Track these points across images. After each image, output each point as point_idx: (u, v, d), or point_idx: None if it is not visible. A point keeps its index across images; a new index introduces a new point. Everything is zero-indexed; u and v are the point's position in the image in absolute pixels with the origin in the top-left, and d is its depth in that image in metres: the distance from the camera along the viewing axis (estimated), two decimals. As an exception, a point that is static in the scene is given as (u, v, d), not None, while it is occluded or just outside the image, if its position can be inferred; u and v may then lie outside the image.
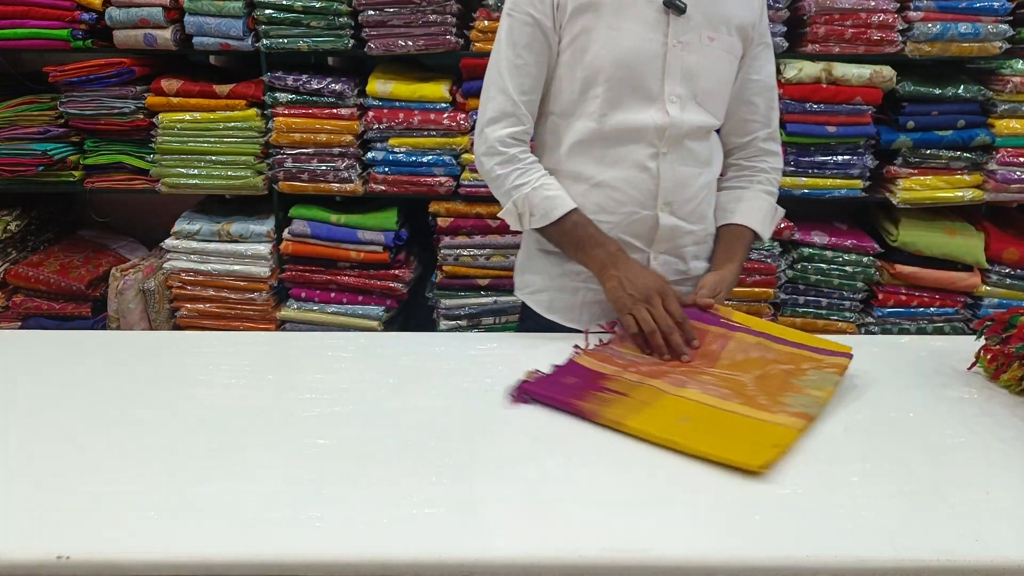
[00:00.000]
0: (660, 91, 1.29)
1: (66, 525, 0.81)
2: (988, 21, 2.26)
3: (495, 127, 1.31)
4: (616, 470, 0.91)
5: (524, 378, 1.09)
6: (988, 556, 0.77)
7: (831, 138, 2.37)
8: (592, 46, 1.26)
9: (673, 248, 1.38)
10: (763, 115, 1.43)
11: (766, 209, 1.44)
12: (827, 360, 1.14)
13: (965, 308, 2.54)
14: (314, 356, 1.26)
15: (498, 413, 1.05)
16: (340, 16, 2.35)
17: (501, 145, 1.30)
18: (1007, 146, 2.37)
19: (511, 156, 1.31)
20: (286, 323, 2.63)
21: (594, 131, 1.30)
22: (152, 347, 1.30)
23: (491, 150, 1.31)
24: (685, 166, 1.34)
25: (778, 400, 1.03)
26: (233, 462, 0.93)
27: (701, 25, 1.29)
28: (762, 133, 1.44)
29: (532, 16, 1.27)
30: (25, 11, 2.40)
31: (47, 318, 2.65)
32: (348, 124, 2.42)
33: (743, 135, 1.44)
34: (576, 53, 1.28)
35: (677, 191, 1.34)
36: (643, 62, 1.27)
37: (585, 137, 1.31)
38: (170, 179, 2.52)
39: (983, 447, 0.98)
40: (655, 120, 1.29)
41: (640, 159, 1.31)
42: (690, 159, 1.34)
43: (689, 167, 1.34)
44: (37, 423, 1.02)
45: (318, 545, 0.78)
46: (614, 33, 1.26)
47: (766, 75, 1.41)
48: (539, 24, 1.27)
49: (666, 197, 1.33)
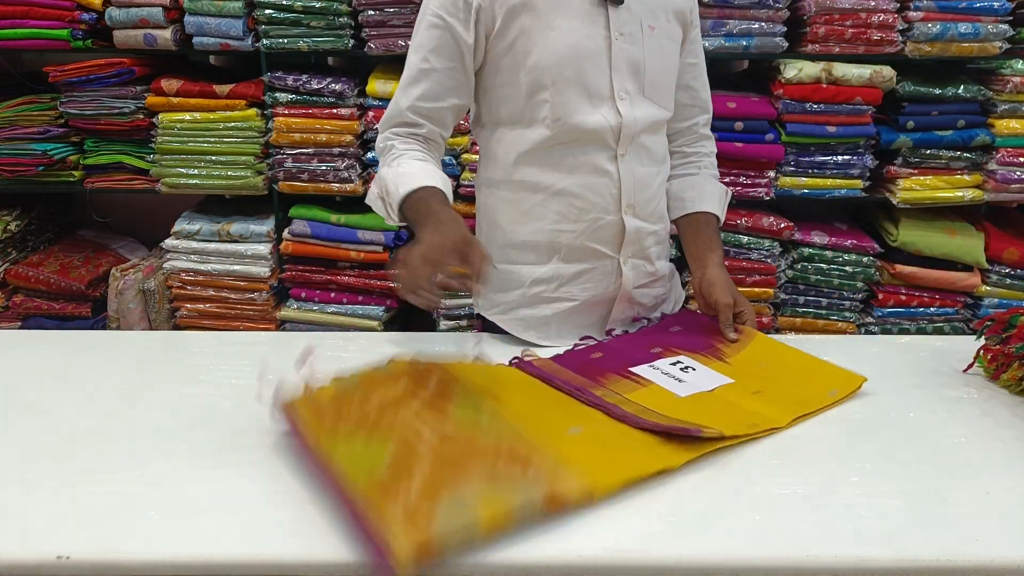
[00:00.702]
0: (609, 88, 1.23)
1: (66, 525, 0.81)
2: (988, 21, 2.26)
3: (384, 126, 1.28)
4: (616, 470, 0.91)
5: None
6: (988, 556, 0.77)
7: (831, 138, 2.37)
8: (533, 48, 1.19)
9: (639, 251, 1.32)
10: (702, 100, 1.41)
11: (721, 193, 1.40)
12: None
13: (965, 308, 2.54)
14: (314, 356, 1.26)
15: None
16: (340, 16, 2.35)
17: (385, 141, 1.27)
18: (1007, 146, 2.37)
19: (390, 147, 1.25)
20: (286, 323, 2.63)
21: (548, 137, 1.23)
22: (152, 347, 1.30)
23: (379, 148, 1.28)
24: (643, 166, 1.29)
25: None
26: (233, 462, 0.93)
27: (641, 15, 1.23)
28: (702, 119, 1.41)
29: (443, 19, 1.20)
30: (25, 11, 2.40)
31: (47, 318, 2.65)
32: (348, 124, 2.42)
33: (683, 120, 1.40)
34: (516, 57, 1.21)
35: (639, 192, 1.28)
36: (588, 59, 1.21)
37: (538, 144, 1.24)
38: (170, 179, 2.52)
39: (983, 447, 0.98)
40: (609, 120, 1.23)
41: (599, 163, 1.25)
42: (647, 158, 1.29)
43: (647, 166, 1.30)
44: (37, 423, 1.02)
45: (318, 545, 0.78)
46: (553, 32, 1.19)
47: (701, 59, 1.39)
48: (449, 28, 1.20)
49: (629, 200, 1.28)
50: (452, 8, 1.19)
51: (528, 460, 0.86)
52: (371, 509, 0.76)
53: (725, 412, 1.02)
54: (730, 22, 2.31)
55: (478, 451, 0.87)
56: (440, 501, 0.77)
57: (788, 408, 1.04)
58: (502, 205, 1.30)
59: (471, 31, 1.20)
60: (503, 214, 1.30)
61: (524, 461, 0.85)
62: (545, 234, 1.28)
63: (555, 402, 1.04)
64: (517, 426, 0.94)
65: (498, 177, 1.29)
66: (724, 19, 2.31)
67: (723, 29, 2.31)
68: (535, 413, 0.99)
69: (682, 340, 1.25)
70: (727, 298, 1.26)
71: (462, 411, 0.95)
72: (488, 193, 1.33)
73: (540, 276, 1.30)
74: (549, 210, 1.27)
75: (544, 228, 1.28)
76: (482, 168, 1.34)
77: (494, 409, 0.97)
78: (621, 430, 0.97)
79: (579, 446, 0.92)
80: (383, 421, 0.91)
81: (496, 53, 1.22)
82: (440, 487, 0.79)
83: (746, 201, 2.44)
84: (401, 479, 0.80)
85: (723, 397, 1.07)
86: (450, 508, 0.76)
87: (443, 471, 0.82)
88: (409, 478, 0.81)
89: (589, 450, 0.91)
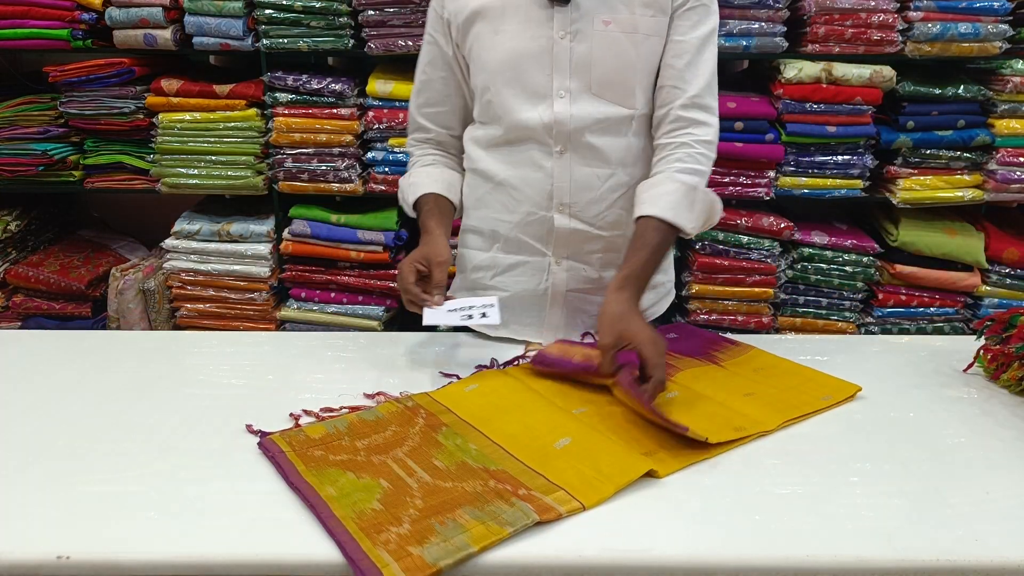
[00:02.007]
0: (549, 87, 1.24)
1: (66, 525, 0.81)
2: (988, 21, 2.26)
3: (408, 134, 1.46)
4: (616, 470, 0.91)
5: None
6: (988, 556, 0.77)
7: (831, 138, 2.37)
8: (482, 53, 1.28)
9: (577, 254, 1.30)
10: (678, 77, 1.24)
11: (676, 192, 1.21)
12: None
13: (965, 308, 2.54)
14: (314, 356, 1.26)
15: (498, 413, 1.05)
16: (340, 16, 2.35)
17: (408, 148, 1.46)
18: (1007, 146, 2.37)
19: (413, 157, 1.45)
20: (286, 323, 2.63)
21: (500, 134, 1.30)
22: (152, 347, 1.30)
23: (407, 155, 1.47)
24: (587, 166, 1.26)
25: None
26: (233, 462, 0.93)
27: (594, 11, 1.21)
28: (679, 100, 1.24)
29: (431, 36, 1.35)
30: (25, 11, 2.40)
31: (47, 318, 2.65)
32: (348, 124, 2.42)
33: (660, 107, 1.27)
34: (473, 62, 1.30)
35: (576, 193, 1.27)
36: (526, 60, 1.23)
37: (494, 139, 1.32)
38: (170, 179, 2.52)
39: (983, 447, 0.98)
40: (542, 117, 1.24)
41: (536, 158, 1.27)
42: (593, 158, 1.26)
43: (592, 167, 1.26)
44: (37, 423, 1.02)
45: (318, 545, 0.78)
46: (498, 36, 1.25)
47: (692, 36, 1.24)
48: (437, 43, 1.34)
49: (561, 198, 1.27)
50: (436, 24, 1.33)
51: (518, 481, 0.87)
52: (361, 539, 0.77)
53: (714, 413, 1.03)
54: (730, 22, 2.31)
55: (468, 477, 0.89)
56: (432, 526, 0.79)
57: (779, 411, 1.04)
58: (467, 190, 1.40)
59: (450, 42, 1.33)
60: (466, 198, 1.41)
61: (514, 482, 0.87)
62: (489, 222, 1.36)
63: (544, 416, 1.04)
64: (506, 447, 0.95)
65: (467, 166, 1.40)
66: (724, 19, 2.31)
67: (723, 29, 2.31)
68: (523, 431, 0.99)
69: (678, 346, 1.25)
70: (606, 338, 1.08)
71: (451, 443, 0.97)
72: (464, 180, 1.43)
73: (480, 262, 1.38)
74: (494, 199, 1.34)
75: (488, 216, 1.36)
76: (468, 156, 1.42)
77: (482, 438, 0.98)
78: (608, 439, 0.97)
79: (568, 459, 0.93)
80: (372, 460, 0.93)
81: (467, 59, 1.32)
82: (431, 514, 0.81)
83: (746, 201, 2.44)
84: (392, 509, 0.82)
85: (714, 398, 1.07)
86: (442, 531, 0.78)
87: (434, 499, 0.84)
88: (400, 508, 0.82)
89: (579, 461, 0.92)
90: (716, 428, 0.97)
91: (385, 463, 0.92)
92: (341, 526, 0.79)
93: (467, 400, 1.08)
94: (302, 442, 0.96)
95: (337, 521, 0.80)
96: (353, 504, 0.83)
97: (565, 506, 0.83)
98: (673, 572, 0.77)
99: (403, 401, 1.08)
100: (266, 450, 0.95)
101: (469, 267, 1.40)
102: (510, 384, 1.14)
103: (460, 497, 0.85)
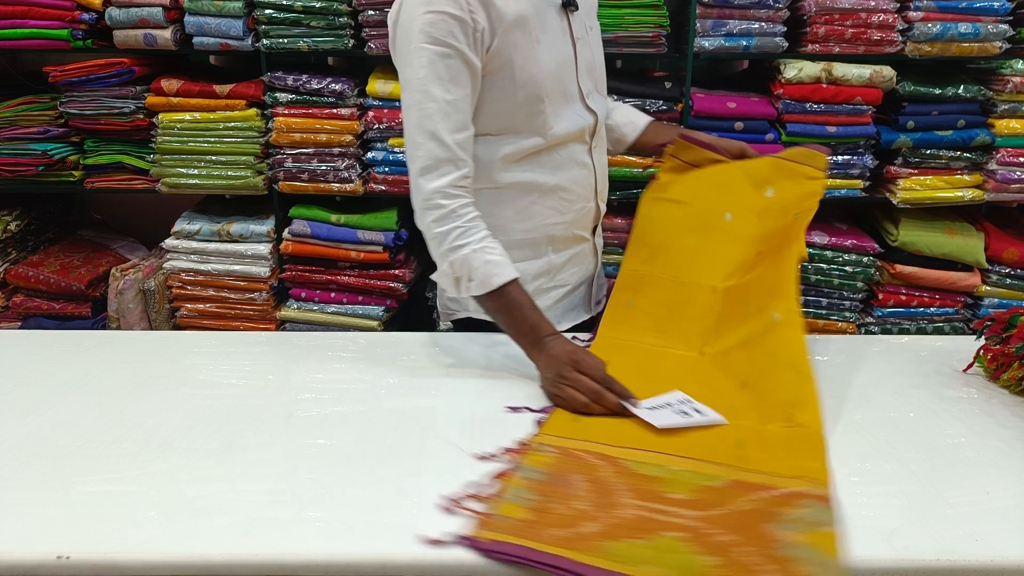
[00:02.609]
0: (578, 90, 1.33)
1: (66, 525, 0.81)
2: (988, 21, 2.26)
3: (430, 177, 1.18)
4: (616, 470, 0.91)
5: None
6: (988, 556, 0.77)
7: (831, 138, 2.37)
8: (527, 64, 1.22)
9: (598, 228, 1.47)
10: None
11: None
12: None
13: (965, 308, 2.54)
14: (314, 356, 1.26)
15: (498, 413, 1.05)
16: (340, 16, 2.34)
17: (441, 198, 1.17)
18: (1007, 146, 2.37)
19: (450, 211, 1.18)
20: (286, 323, 2.63)
21: (542, 144, 1.28)
22: (152, 347, 1.30)
23: (428, 203, 1.18)
24: (605, 154, 1.45)
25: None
26: (233, 462, 0.93)
27: (583, 17, 1.33)
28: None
29: (453, 47, 1.15)
30: (25, 11, 2.40)
31: (47, 318, 2.65)
32: (348, 124, 2.42)
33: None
34: (510, 72, 1.21)
35: (603, 178, 1.43)
36: (564, 67, 1.29)
37: (531, 150, 1.28)
38: (170, 179, 2.52)
39: (983, 447, 0.98)
40: (586, 120, 1.34)
41: (580, 157, 1.35)
42: (604, 146, 1.44)
43: (606, 154, 1.45)
44: (37, 423, 1.02)
45: (318, 545, 0.78)
46: (539, 47, 1.23)
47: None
48: (462, 55, 1.16)
49: (599, 186, 1.41)
50: (461, 33, 1.15)
51: (762, 485, 0.87)
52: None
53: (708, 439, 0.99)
54: (730, 22, 2.31)
55: (726, 498, 0.84)
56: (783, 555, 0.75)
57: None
58: (490, 208, 1.28)
59: (479, 55, 1.19)
60: (492, 217, 1.27)
61: (763, 487, 0.86)
62: (538, 229, 1.35)
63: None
64: (698, 457, 0.93)
65: (479, 185, 1.26)
66: (724, 19, 2.31)
67: (723, 29, 2.31)
68: (686, 437, 0.98)
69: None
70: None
71: (654, 472, 0.90)
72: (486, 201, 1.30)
73: (538, 270, 1.37)
74: (543, 207, 1.33)
75: (538, 224, 1.34)
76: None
77: (662, 456, 0.94)
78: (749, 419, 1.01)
79: (751, 447, 0.95)
80: (621, 517, 0.82)
81: (490, 69, 1.21)
82: (762, 544, 0.76)
83: (746, 201, 2.44)
84: (721, 554, 0.75)
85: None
86: (795, 553, 0.75)
87: (744, 532, 0.79)
88: (730, 554, 0.75)
89: (763, 448, 0.95)
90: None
91: (646, 516, 0.81)
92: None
93: (594, 426, 1.01)
94: (515, 525, 0.80)
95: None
96: (679, 563, 0.74)
97: (820, 488, 0.84)
98: (673, 572, 0.77)
99: (539, 449, 0.95)
100: (479, 547, 0.77)
101: (527, 279, 1.32)
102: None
103: (755, 517, 0.79)
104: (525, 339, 1.17)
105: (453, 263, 1.18)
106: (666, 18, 2.32)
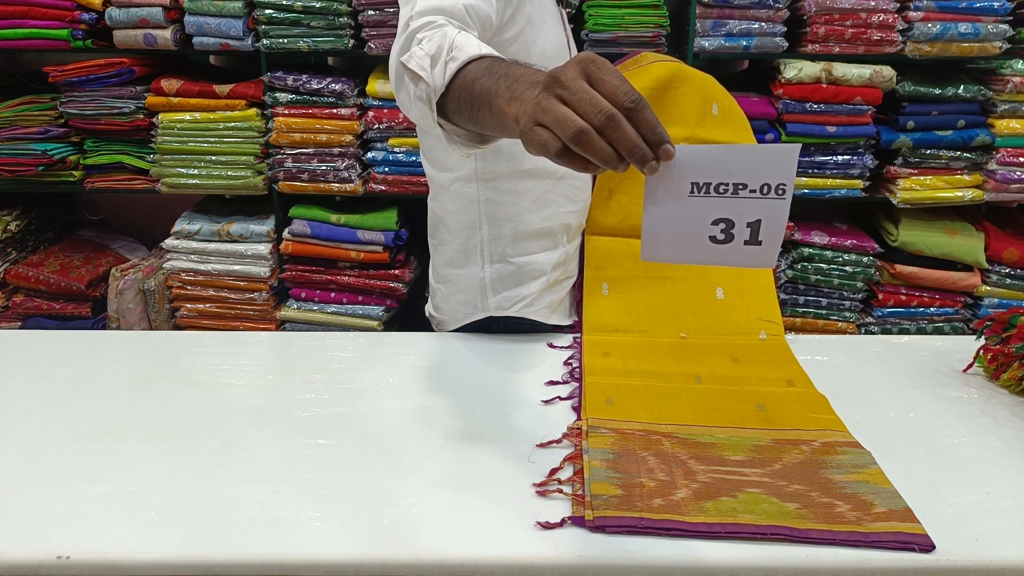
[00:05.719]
0: None
1: (66, 525, 0.81)
2: (988, 21, 2.26)
3: (423, 19, 0.96)
4: (616, 470, 0.91)
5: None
6: (988, 556, 0.77)
7: (831, 138, 2.37)
8: (538, 39, 1.20)
9: None
10: None
11: None
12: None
13: (965, 308, 2.54)
14: (314, 356, 1.26)
15: (498, 413, 1.05)
16: (340, 16, 2.35)
17: (427, 29, 0.94)
18: (1007, 146, 2.37)
19: (423, 24, 0.95)
20: (286, 323, 2.63)
21: None
22: (152, 347, 1.30)
23: (409, 43, 0.95)
24: None
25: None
26: (233, 462, 0.93)
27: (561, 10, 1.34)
28: None
29: None
30: (25, 11, 2.40)
31: (47, 318, 2.65)
32: (348, 124, 2.42)
33: None
34: (525, 46, 1.17)
35: None
36: (563, 52, 1.28)
37: None
38: (170, 179, 2.52)
39: (983, 447, 0.98)
40: None
41: None
42: None
43: None
44: (37, 423, 1.02)
45: (318, 545, 0.78)
46: (546, 25, 1.24)
47: None
48: None
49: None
50: None
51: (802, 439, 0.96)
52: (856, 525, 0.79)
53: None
54: (730, 22, 2.31)
55: (780, 452, 0.93)
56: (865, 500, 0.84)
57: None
58: (508, 197, 1.28)
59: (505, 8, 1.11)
60: (510, 206, 1.27)
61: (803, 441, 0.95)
62: (556, 218, 1.33)
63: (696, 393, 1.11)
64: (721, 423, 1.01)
65: (503, 170, 1.26)
66: (724, 19, 2.31)
67: (723, 29, 2.31)
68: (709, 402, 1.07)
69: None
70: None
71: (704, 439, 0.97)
72: (488, 187, 1.29)
73: (557, 260, 1.35)
74: (558, 193, 1.32)
75: (555, 212, 1.33)
76: (481, 163, 1.30)
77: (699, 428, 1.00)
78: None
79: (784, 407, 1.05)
80: (698, 478, 0.87)
81: (504, 40, 1.15)
82: (831, 495, 0.84)
83: (746, 201, 2.44)
84: (804, 499, 0.83)
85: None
86: (872, 495, 0.84)
87: (812, 482, 0.87)
88: (813, 494, 0.84)
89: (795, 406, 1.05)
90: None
91: (722, 478, 0.86)
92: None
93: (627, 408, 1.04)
94: (617, 500, 0.83)
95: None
96: (771, 510, 0.81)
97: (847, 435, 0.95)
98: (672, 572, 0.77)
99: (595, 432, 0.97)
100: (599, 526, 0.79)
101: (548, 269, 1.33)
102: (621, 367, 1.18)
103: (809, 466, 0.88)
104: (523, 84, 0.82)
105: (431, 37, 0.91)
106: (666, 18, 2.32)
